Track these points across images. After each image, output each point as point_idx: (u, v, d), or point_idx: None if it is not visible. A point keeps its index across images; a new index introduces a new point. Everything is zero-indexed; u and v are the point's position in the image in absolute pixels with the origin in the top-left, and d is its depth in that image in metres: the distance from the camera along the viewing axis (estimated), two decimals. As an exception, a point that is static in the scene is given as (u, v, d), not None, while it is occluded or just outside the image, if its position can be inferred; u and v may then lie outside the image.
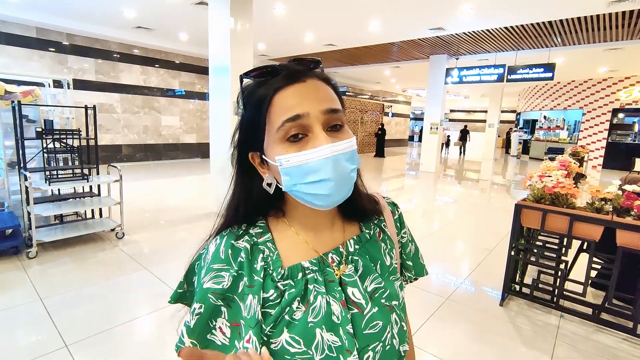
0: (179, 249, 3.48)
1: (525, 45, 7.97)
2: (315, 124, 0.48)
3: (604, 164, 12.17)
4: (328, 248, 0.56)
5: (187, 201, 5.60)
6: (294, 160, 0.47)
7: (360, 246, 0.58)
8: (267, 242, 0.54)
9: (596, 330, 2.31)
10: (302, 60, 0.53)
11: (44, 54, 7.38)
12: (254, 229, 0.55)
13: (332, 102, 0.50)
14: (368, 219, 0.62)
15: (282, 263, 0.52)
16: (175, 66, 9.69)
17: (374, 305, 0.53)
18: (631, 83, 11.50)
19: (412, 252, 0.68)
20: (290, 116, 0.47)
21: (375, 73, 12.85)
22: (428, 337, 2.23)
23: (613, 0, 4.99)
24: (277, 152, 0.49)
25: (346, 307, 0.51)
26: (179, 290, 0.59)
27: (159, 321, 2.28)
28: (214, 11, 4.43)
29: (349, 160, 0.50)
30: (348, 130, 0.52)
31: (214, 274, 0.50)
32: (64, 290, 2.57)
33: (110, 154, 8.62)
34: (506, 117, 21.12)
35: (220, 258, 0.51)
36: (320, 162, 0.47)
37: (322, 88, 0.50)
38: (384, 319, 0.53)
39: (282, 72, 0.50)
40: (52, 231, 3.40)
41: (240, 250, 0.52)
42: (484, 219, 5.30)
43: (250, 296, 0.49)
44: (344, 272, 0.54)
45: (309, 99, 0.48)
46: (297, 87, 0.49)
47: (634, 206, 2.15)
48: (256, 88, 0.51)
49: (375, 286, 0.56)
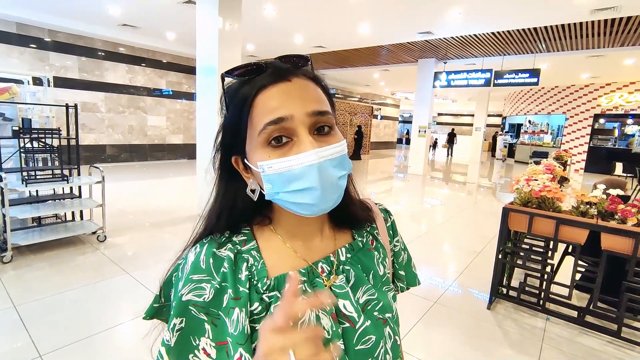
0: (163, 253, 3.39)
1: (512, 51, 8.13)
2: (300, 127, 0.44)
3: (585, 167, 12.49)
4: (318, 257, 0.53)
5: (172, 203, 5.48)
6: (277, 167, 0.44)
7: (352, 255, 0.55)
8: (251, 251, 0.50)
9: (581, 332, 2.34)
10: (289, 58, 0.49)
11: (23, 50, 7.14)
12: (237, 236, 0.51)
13: (320, 104, 0.46)
14: (360, 227, 0.59)
15: (267, 273, 0.48)
16: (163, 65, 9.52)
17: (366, 318, 0.50)
18: (612, 89, 11.85)
19: (404, 261, 0.65)
20: (272, 119, 0.43)
21: (365, 76, 12.91)
22: (416, 341, 2.21)
23: (595, 9, 5.12)
24: (259, 157, 0.45)
25: (337, 321, 0.48)
26: (154, 304, 0.53)
27: (142, 328, 2.20)
28: (201, 10, 4.36)
29: (338, 166, 0.46)
30: (338, 133, 0.48)
31: (193, 285, 0.45)
32: (40, 297, 2.46)
33: (93, 154, 8.40)
34: (492, 120, 21.52)
35: (200, 268, 0.46)
36: (304, 169, 0.43)
37: (309, 88, 0.47)
38: (377, 333, 0.50)
39: (267, 70, 0.46)
40: (29, 234, 3.27)
41: (223, 259, 0.47)
42: (471, 222, 5.35)
43: (236, 309, 0.44)
44: (334, 282, 0.51)
45: (293, 100, 0.44)
46: (281, 86, 0.45)
47: (618, 210, 2.18)
48: (239, 87, 0.47)
49: (368, 298, 0.52)
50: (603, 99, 12.04)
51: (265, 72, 0.46)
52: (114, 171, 7.73)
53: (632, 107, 11.57)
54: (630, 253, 2.08)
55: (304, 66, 0.50)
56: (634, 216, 2.12)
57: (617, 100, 11.78)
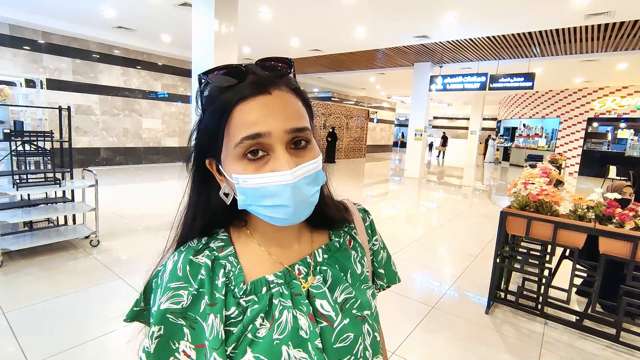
0: (157, 257, 3.32)
1: (507, 55, 8.19)
2: (277, 144, 0.44)
3: (579, 171, 12.59)
4: (294, 259, 0.53)
5: (167, 206, 5.42)
6: (251, 182, 0.44)
7: (329, 255, 0.56)
8: (229, 257, 0.50)
9: (580, 337, 2.32)
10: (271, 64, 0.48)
11: (17, 52, 7.06)
12: (214, 242, 0.51)
13: (299, 120, 0.46)
14: (337, 227, 0.60)
15: (245, 278, 0.49)
16: (158, 68, 9.47)
17: (344, 316, 0.51)
18: (605, 93, 11.98)
19: (384, 260, 0.66)
20: (250, 133, 0.43)
21: (361, 79, 12.95)
22: (415, 347, 2.18)
23: (589, 14, 5.17)
24: (234, 169, 0.45)
25: (314, 321, 0.49)
26: (135, 308, 0.55)
27: (135, 335, 2.15)
28: (197, 13, 4.34)
29: (312, 183, 0.47)
30: (314, 147, 0.48)
31: (171, 293, 0.46)
32: (30, 303, 2.40)
33: (87, 157, 8.31)
34: (488, 124, 21.65)
35: (177, 276, 0.47)
36: (278, 187, 0.44)
37: (289, 102, 0.46)
38: (355, 331, 0.51)
39: (248, 77, 0.45)
40: (19, 239, 3.20)
41: (200, 266, 0.48)
42: (467, 225, 5.35)
43: (211, 315, 0.45)
44: (311, 283, 0.51)
45: (272, 116, 0.44)
46: (261, 99, 0.44)
47: (616, 214, 2.18)
48: (217, 92, 0.46)
49: (346, 296, 0.53)
50: (596, 102, 12.17)
51: (245, 77, 0.45)
52: (108, 174, 7.65)
53: (625, 111, 11.71)
54: (628, 257, 2.08)
55: (286, 74, 0.48)
56: (632, 220, 2.12)
57: (610, 104, 11.91)
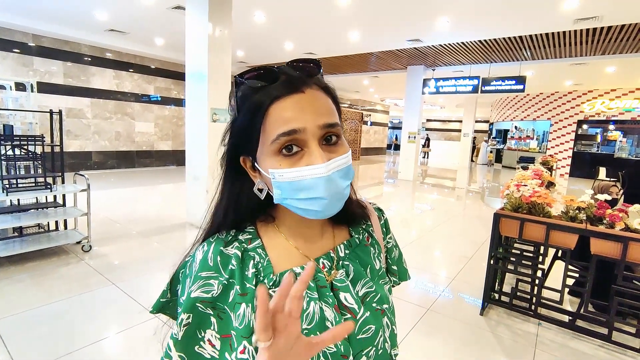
0: (150, 262, 3.29)
1: (498, 59, 8.30)
2: (311, 139, 0.46)
3: (570, 172, 12.77)
4: (319, 253, 0.56)
5: (160, 211, 5.37)
6: (288, 176, 0.46)
7: (350, 251, 0.58)
8: (257, 249, 0.52)
9: (573, 337, 2.35)
10: (301, 65, 0.50)
11: (6, 55, 6.96)
12: (243, 234, 0.54)
13: (331, 116, 0.49)
14: (357, 224, 0.63)
15: (273, 269, 0.51)
16: (151, 71, 9.41)
17: (366, 309, 0.53)
18: (594, 96, 12.19)
19: (396, 257, 0.69)
20: (286, 130, 0.45)
21: (354, 82, 13.00)
22: (411, 349, 2.18)
23: (578, 18, 5.27)
24: (270, 164, 0.47)
25: (339, 312, 0.51)
26: (161, 299, 0.57)
27: (128, 342, 2.12)
28: (191, 16, 4.32)
29: (344, 177, 0.49)
30: (344, 143, 0.50)
31: (202, 282, 0.48)
32: (19, 310, 2.35)
33: (79, 161, 8.21)
34: (480, 127, 21.86)
35: (208, 265, 0.49)
36: (314, 180, 0.46)
37: (321, 99, 0.49)
38: (376, 323, 0.54)
39: (280, 77, 0.48)
40: (9, 245, 3.14)
41: (231, 257, 0.50)
42: (461, 227, 5.38)
43: (243, 305, 0.47)
44: (335, 277, 0.54)
45: (306, 112, 0.46)
46: (295, 98, 0.47)
47: (606, 215, 2.21)
48: (251, 93, 0.48)
49: (367, 290, 0.56)
50: (586, 105, 12.38)
51: (277, 78, 0.47)
52: (100, 178, 7.56)
53: (614, 113, 11.92)
54: (619, 257, 2.11)
55: (316, 74, 0.51)
56: (622, 221, 2.16)
57: (599, 106, 12.12)
